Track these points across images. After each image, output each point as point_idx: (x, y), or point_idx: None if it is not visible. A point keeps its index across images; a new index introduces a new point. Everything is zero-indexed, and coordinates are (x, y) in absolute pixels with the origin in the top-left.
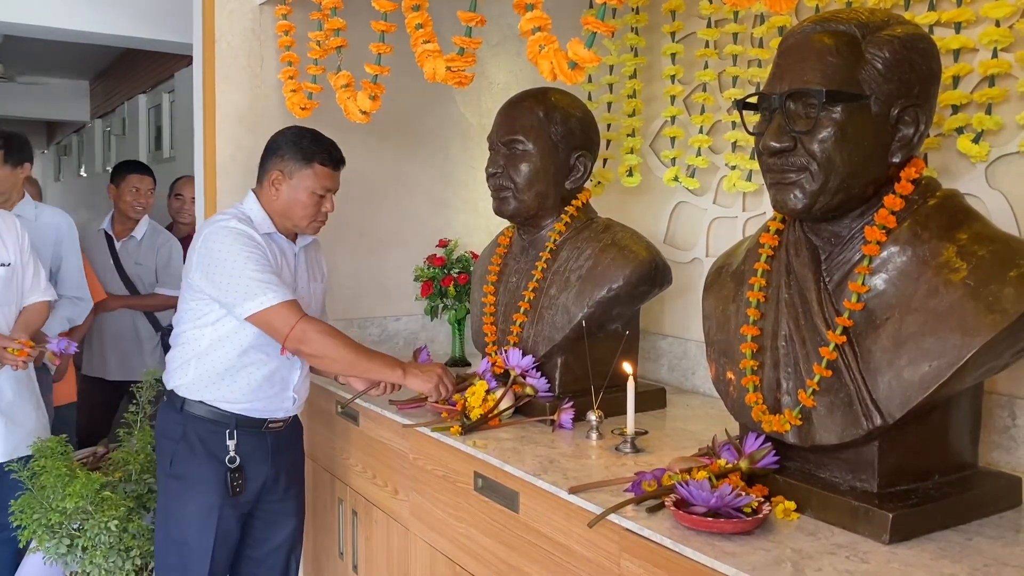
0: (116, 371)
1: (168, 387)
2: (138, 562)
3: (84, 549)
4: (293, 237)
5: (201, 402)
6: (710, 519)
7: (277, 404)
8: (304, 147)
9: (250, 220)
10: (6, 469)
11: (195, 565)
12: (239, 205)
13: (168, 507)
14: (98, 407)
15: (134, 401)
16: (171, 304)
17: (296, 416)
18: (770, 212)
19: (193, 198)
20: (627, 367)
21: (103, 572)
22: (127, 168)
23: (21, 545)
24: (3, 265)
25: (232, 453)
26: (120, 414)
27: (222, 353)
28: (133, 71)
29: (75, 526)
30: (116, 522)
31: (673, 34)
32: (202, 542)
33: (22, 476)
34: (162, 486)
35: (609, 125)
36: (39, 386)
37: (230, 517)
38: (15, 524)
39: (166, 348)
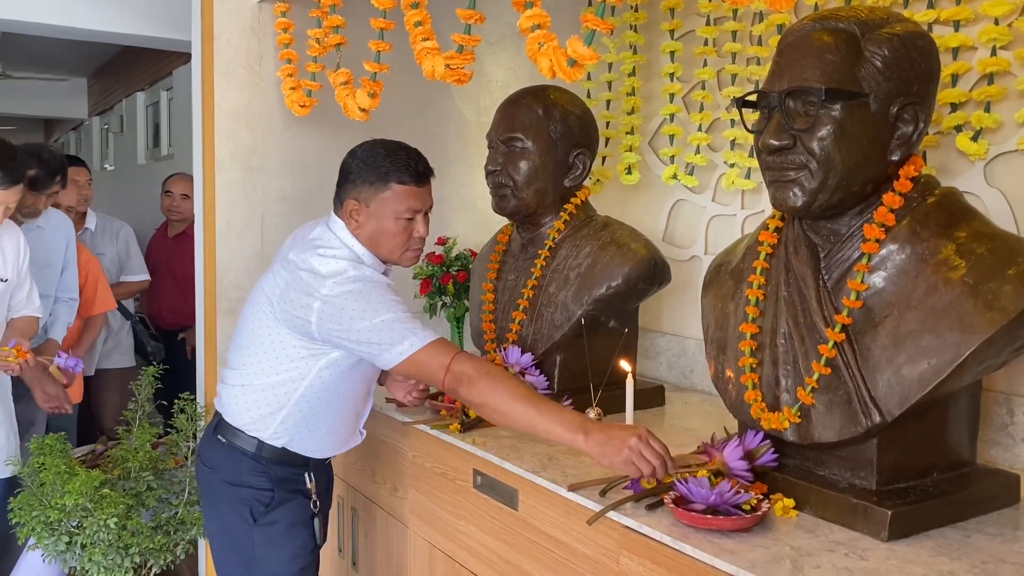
0: (96, 364)
1: (247, 433)
2: (136, 559)
3: (83, 546)
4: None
5: (283, 449)
6: (709, 516)
7: (348, 442)
8: (377, 165)
9: (360, 260)
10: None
11: None
12: (331, 234)
13: (255, 557)
14: (84, 405)
15: (133, 399)
16: (140, 289)
17: None
18: (769, 210)
19: (183, 194)
20: (626, 365)
21: (102, 569)
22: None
23: (20, 542)
24: (1, 280)
25: (315, 497)
26: (101, 407)
27: (307, 403)
28: (131, 68)
29: (74, 523)
30: (115, 519)
31: (672, 32)
32: None
33: (23, 474)
34: (242, 538)
35: (608, 123)
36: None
37: (319, 559)
38: (14, 521)
39: (137, 336)
